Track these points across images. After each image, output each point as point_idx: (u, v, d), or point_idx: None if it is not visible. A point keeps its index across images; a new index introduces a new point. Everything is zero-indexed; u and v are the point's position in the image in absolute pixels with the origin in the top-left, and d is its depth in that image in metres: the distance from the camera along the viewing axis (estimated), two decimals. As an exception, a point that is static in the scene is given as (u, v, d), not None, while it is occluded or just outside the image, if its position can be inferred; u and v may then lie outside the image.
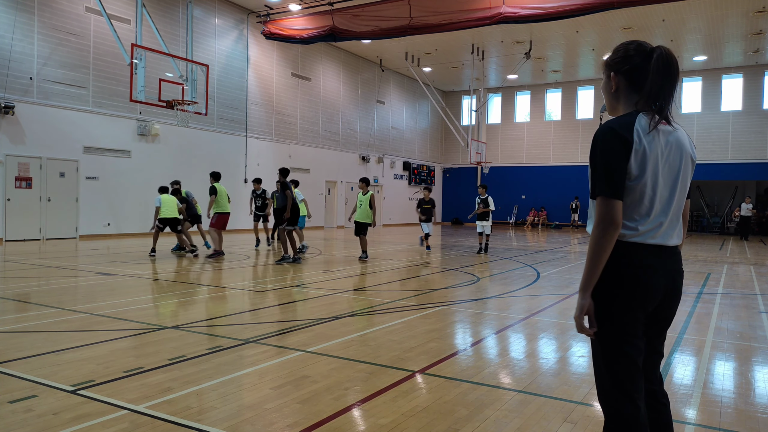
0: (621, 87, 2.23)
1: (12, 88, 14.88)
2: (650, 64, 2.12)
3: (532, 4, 16.69)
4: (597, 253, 2.05)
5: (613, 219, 2.04)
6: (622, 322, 2.11)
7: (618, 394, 2.14)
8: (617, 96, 2.25)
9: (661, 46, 2.15)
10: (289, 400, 3.68)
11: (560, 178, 32.25)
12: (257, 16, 21.90)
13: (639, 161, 2.07)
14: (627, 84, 2.21)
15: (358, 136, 28.53)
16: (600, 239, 2.05)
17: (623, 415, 2.14)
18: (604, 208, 2.05)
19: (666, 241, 2.14)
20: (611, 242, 2.05)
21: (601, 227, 2.04)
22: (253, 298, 7.74)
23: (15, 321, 6.00)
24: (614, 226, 2.04)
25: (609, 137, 2.08)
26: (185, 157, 19.34)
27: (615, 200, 2.04)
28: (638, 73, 2.16)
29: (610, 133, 2.08)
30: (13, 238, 15.08)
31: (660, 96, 2.12)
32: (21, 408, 3.45)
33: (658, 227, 2.12)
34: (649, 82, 2.12)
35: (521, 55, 25.48)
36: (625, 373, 2.12)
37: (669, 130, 2.14)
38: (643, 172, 2.07)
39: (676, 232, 2.18)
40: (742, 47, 24.77)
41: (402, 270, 11.12)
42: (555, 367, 4.63)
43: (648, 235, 2.10)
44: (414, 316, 6.60)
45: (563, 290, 8.74)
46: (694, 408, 3.73)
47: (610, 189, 2.05)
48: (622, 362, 2.12)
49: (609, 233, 2.04)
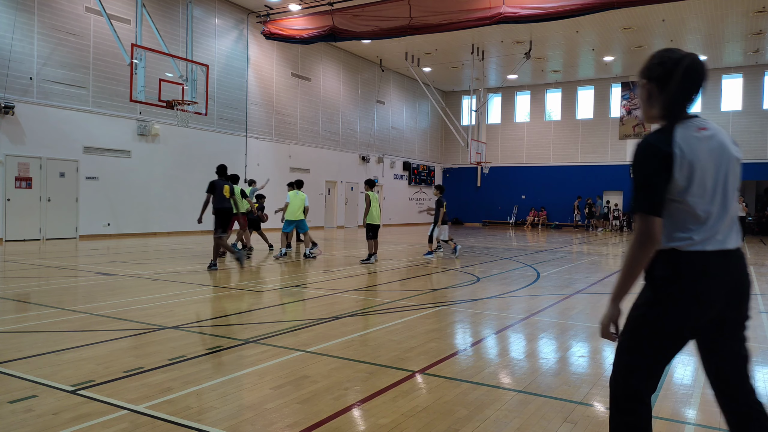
0: (654, 94, 2.23)
1: (12, 88, 14.88)
2: (681, 71, 2.14)
3: (532, 4, 16.69)
4: (632, 267, 2.09)
5: (651, 236, 2.06)
6: (664, 331, 2.12)
7: (631, 396, 2.17)
8: (651, 103, 2.26)
9: (692, 53, 2.16)
10: (289, 400, 3.68)
11: (560, 178, 32.26)
12: (257, 16, 21.90)
13: (685, 172, 2.07)
14: (659, 91, 2.21)
15: (358, 136, 28.53)
16: (637, 254, 2.08)
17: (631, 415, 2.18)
18: (643, 225, 2.07)
19: (725, 245, 2.13)
20: (647, 257, 2.08)
21: (639, 242, 2.07)
22: (253, 298, 7.73)
23: (15, 321, 6.00)
24: (651, 242, 2.06)
25: (647, 152, 2.09)
26: (185, 157, 19.34)
27: (654, 217, 2.06)
28: (669, 79, 2.17)
29: (648, 148, 2.09)
30: (13, 238, 15.08)
31: (691, 103, 2.14)
32: (21, 408, 3.45)
33: (715, 233, 2.11)
34: (679, 89, 2.14)
35: (521, 55, 25.48)
36: (643, 381, 2.16)
37: (709, 135, 2.13)
38: (690, 182, 2.07)
39: (733, 234, 2.17)
40: (742, 47, 24.77)
41: (402, 270, 11.11)
42: (555, 367, 4.63)
43: (706, 243, 2.10)
44: (414, 316, 6.60)
45: (563, 290, 8.74)
46: (694, 408, 3.73)
47: (649, 206, 2.06)
48: (645, 372, 2.15)
49: (646, 249, 2.07)
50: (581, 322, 6.39)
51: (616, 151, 30.97)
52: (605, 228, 30.31)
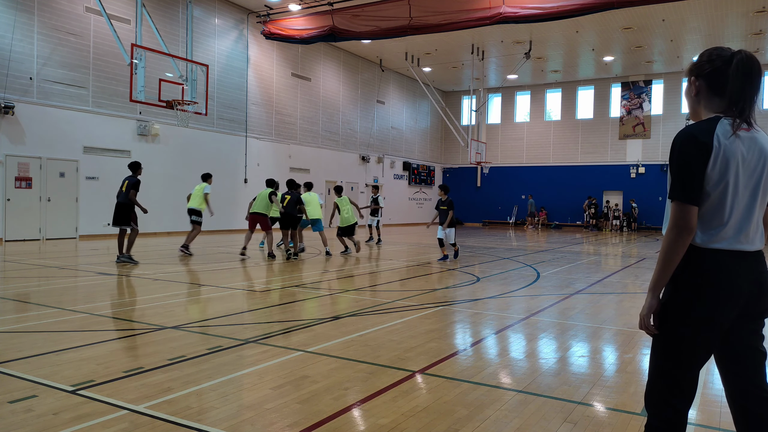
0: (702, 91, 2.23)
1: (12, 88, 14.88)
2: (730, 68, 2.13)
3: (532, 4, 16.69)
4: (669, 256, 2.09)
5: (687, 224, 2.06)
6: (696, 329, 2.11)
7: (667, 396, 2.17)
8: (698, 100, 2.26)
9: (743, 50, 2.16)
10: (289, 400, 3.68)
11: (560, 178, 32.27)
12: (257, 16, 21.90)
13: (719, 167, 2.06)
14: (707, 88, 2.21)
15: (358, 136, 28.54)
16: (673, 243, 2.08)
17: (665, 419, 2.17)
18: (679, 213, 2.07)
19: (748, 246, 2.13)
20: (684, 247, 2.08)
21: (675, 231, 2.07)
22: (253, 298, 7.73)
23: (15, 321, 6.00)
24: (688, 230, 2.06)
25: (687, 142, 2.09)
26: (185, 157, 19.34)
27: (690, 206, 2.06)
28: (718, 77, 2.17)
29: (689, 138, 2.09)
30: (13, 238, 15.08)
31: (740, 100, 2.12)
32: (21, 408, 3.45)
33: (738, 232, 2.11)
34: (730, 86, 2.13)
35: (521, 55, 25.48)
36: (679, 379, 2.15)
37: (751, 135, 2.13)
38: (723, 177, 2.07)
39: (758, 236, 2.17)
40: (742, 47, 24.64)
41: (402, 270, 11.11)
42: (555, 367, 4.63)
43: (729, 241, 2.10)
44: (414, 316, 6.60)
45: (563, 290, 8.74)
46: (694, 408, 3.73)
47: (686, 194, 2.06)
48: (681, 368, 2.14)
49: (682, 238, 2.07)
50: (581, 322, 6.39)
51: (616, 151, 30.98)
52: (605, 228, 30.32)
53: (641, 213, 30.22)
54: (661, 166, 29.66)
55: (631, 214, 30.13)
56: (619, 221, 30.20)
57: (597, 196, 31.04)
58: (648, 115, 30.09)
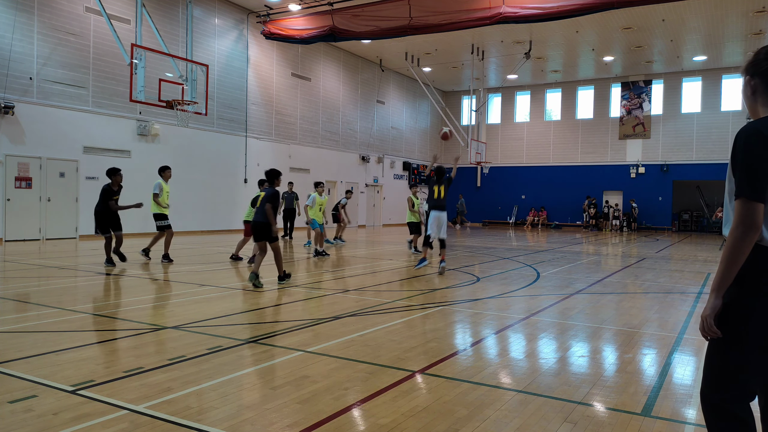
0: (758, 89, 2.20)
1: (12, 88, 14.88)
2: None
3: (532, 4, 16.69)
4: (734, 255, 2.03)
5: (754, 222, 2.00)
6: (757, 333, 2.05)
7: (726, 400, 2.12)
8: (755, 98, 2.22)
9: None
10: (289, 400, 3.68)
11: (560, 178, 32.27)
12: (257, 16, 21.90)
13: None
14: (764, 86, 2.18)
15: (358, 136, 28.53)
16: (739, 242, 2.01)
17: (725, 425, 2.13)
18: (745, 211, 2.01)
19: None
20: (750, 245, 2.02)
21: (741, 230, 2.01)
22: (253, 298, 7.73)
23: (15, 321, 6.00)
24: (754, 228, 2.00)
25: (753, 138, 2.04)
26: (185, 157, 19.33)
27: (756, 203, 2.00)
28: None
29: (754, 133, 2.05)
30: (13, 238, 15.08)
31: None
32: (21, 408, 3.45)
33: None
34: None
35: (521, 55, 25.48)
36: (735, 386, 2.10)
37: None
38: None
39: None
40: (742, 47, 24.76)
41: (402, 270, 11.11)
42: (555, 367, 4.63)
43: None
44: (414, 316, 6.60)
45: (563, 290, 8.73)
46: (694, 408, 3.73)
47: (752, 191, 2.00)
48: (739, 375, 2.09)
49: (749, 236, 2.01)
50: (581, 322, 6.39)
51: (616, 151, 30.98)
52: (605, 228, 30.32)
53: (641, 213, 30.23)
54: (661, 166, 29.67)
55: (631, 214, 30.14)
56: (619, 221, 30.20)
57: (597, 196, 31.06)
58: (648, 115, 30.09)
